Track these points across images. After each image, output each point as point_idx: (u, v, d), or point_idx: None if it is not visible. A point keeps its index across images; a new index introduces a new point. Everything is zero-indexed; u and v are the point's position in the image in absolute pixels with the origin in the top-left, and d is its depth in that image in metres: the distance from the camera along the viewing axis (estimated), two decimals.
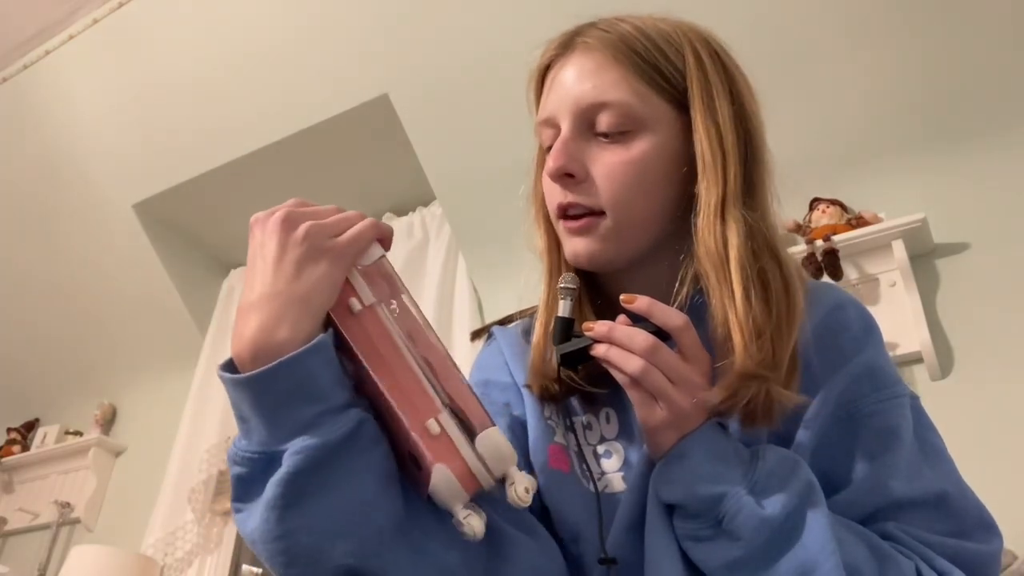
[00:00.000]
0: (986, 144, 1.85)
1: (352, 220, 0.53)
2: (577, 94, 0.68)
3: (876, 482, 0.62)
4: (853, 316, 0.70)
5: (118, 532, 2.84)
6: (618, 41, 0.69)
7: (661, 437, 0.59)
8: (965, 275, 1.80)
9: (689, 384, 0.58)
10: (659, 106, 0.68)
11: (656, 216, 0.68)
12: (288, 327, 0.48)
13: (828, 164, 1.92)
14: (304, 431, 0.47)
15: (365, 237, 0.52)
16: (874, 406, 0.65)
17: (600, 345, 0.59)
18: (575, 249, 0.69)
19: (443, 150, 2.38)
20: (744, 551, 0.56)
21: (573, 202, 0.68)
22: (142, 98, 2.65)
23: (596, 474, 0.68)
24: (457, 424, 0.49)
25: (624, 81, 0.67)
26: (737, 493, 0.56)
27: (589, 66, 0.69)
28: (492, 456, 0.49)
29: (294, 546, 0.47)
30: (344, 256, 0.51)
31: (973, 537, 0.61)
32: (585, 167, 0.67)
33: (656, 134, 0.67)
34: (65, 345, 3.23)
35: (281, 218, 0.51)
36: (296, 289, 0.49)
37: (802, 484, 0.57)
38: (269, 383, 0.47)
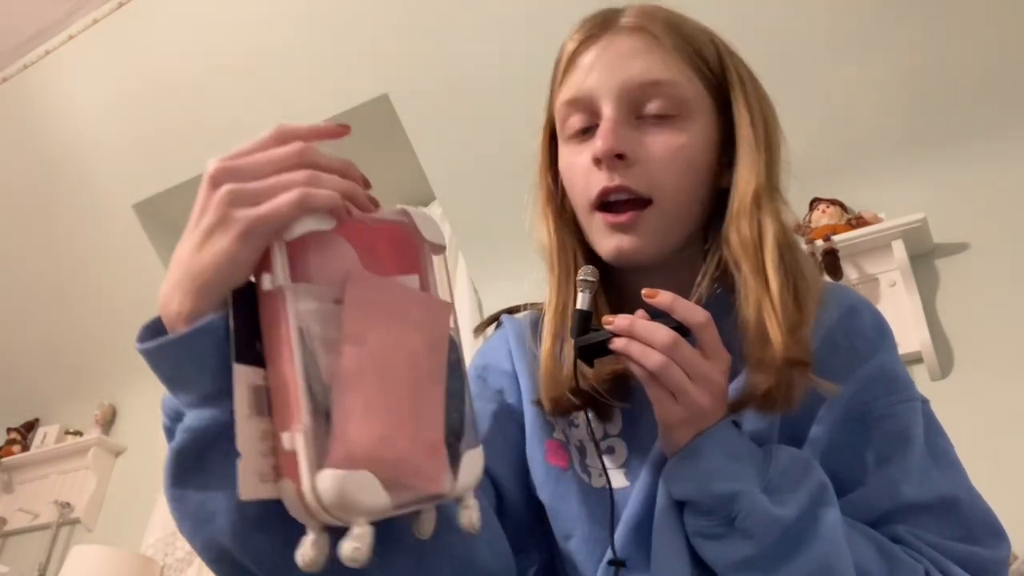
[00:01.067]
0: (986, 144, 1.85)
1: (280, 187, 0.44)
2: (625, 74, 0.65)
3: (887, 485, 0.62)
4: (867, 319, 0.70)
5: (118, 532, 2.85)
6: (664, 23, 0.67)
7: (677, 433, 0.59)
8: (965, 275, 1.79)
9: (708, 381, 0.57)
10: (701, 92, 0.67)
11: (696, 206, 0.67)
12: (181, 301, 0.44)
13: (828, 164, 1.93)
14: (194, 407, 0.45)
15: (281, 215, 0.43)
16: (887, 409, 0.65)
17: (619, 339, 0.58)
18: (619, 246, 0.66)
19: (443, 150, 2.38)
20: (756, 550, 0.56)
21: (621, 185, 0.64)
22: (142, 98, 2.65)
23: (597, 470, 0.67)
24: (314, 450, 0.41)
25: (673, 62, 0.66)
26: (751, 492, 0.56)
27: (636, 46, 0.66)
28: (328, 500, 0.41)
29: (183, 512, 0.47)
30: (254, 233, 0.43)
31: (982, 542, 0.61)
32: (635, 150, 0.65)
33: (700, 120, 0.66)
34: (65, 345, 3.23)
35: (209, 173, 0.45)
36: (196, 263, 0.44)
37: (815, 485, 0.57)
38: (157, 359, 0.45)
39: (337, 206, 0.44)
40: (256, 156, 0.45)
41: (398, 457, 0.44)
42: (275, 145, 0.46)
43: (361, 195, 0.46)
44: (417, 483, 0.45)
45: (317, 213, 0.44)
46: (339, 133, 0.49)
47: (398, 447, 0.44)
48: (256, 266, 0.44)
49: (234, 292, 0.44)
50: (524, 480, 0.70)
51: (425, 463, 0.45)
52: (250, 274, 0.44)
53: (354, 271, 0.46)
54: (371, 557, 0.41)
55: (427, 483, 0.45)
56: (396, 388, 0.45)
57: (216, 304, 0.44)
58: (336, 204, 0.44)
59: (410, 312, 0.47)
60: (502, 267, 2.29)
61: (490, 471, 0.68)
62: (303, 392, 0.42)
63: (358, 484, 0.42)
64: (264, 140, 0.46)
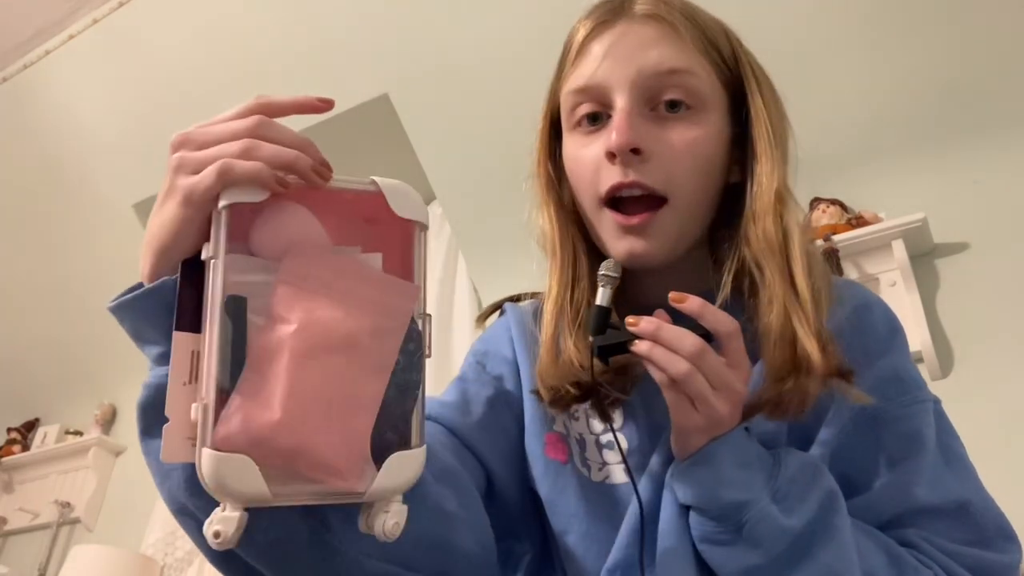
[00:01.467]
0: (986, 144, 1.84)
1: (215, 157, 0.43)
2: (639, 63, 0.63)
3: (898, 488, 0.61)
4: (879, 317, 0.69)
5: (118, 532, 2.84)
6: (681, 12, 0.65)
7: (691, 439, 0.58)
8: (965, 275, 1.79)
9: (730, 391, 0.56)
10: (716, 86, 0.65)
11: (707, 205, 0.66)
12: (145, 262, 0.46)
13: (828, 164, 1.92)
14: (155, 364, 0.48)
15: (204, 186, 0.42)
16: (898, 411, 0.64)
17: (643, 343, 0.56)
18: (631, 249, 0.63)
19: (443, 150, 2.38)
20: (763, 559, 0.55)
21: (635, 181, 0.62)
22: (142, 98, 2.65)
23: (596, 464, 0.66)
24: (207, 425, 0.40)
25: (690, 52, 0.64)
26: (761, 501, 0.55)
27: (651, 34, 0.64)
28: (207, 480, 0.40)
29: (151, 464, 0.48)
30: (189, 200, 0.43)
31: (993, 547, 0.61)
32: (649, 143, 0.62)
33: (715, 113, 0.65)
34: (65, 345, 3.22)
35: (171, 141, 0.46)
36: (153, 227, 0.45)
37: (824, 493, 0.57)
38: (121, 316, 0.48)
39: (260, 177, 0.42)
40: (212, 127, 0.46)
41: (297, 446, 0.41)
42: (241, 116, 0.46)
43: (302, 164, 0.44)
44: (320, 476, 0.42)
45: (241, 185, 0.43)
46: (320, 107, 0.48)
47: (299, 435, 0.41)
48: (206, 234, 0.44)
49: (186, 260, 0.45)
50: (516, 468, 0.69)
51: (333, 456, 0.42)
52: (200, 241, 0.44)
53: (297, 246, 0.44)
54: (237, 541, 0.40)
55: (333, 478, 0.42)
56: (315, 372, 0.42)
57: (173, 268, 0.45)
58: (258, 175, 0.42)
59: (357, 292, 0.44)
60: (502, 267, 2.29)
61: (482, 456, 0.67)
62: (212, 365, 0.41)
63: (231, 468, 0.40)
64: (235, 111, 0.47)
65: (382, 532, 0.44)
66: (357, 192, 0.46)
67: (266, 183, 0.43)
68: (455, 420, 0.67)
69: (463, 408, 0.68)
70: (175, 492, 0.48)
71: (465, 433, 0.66)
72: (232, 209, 0.43)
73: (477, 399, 0.70)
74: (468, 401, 0.69)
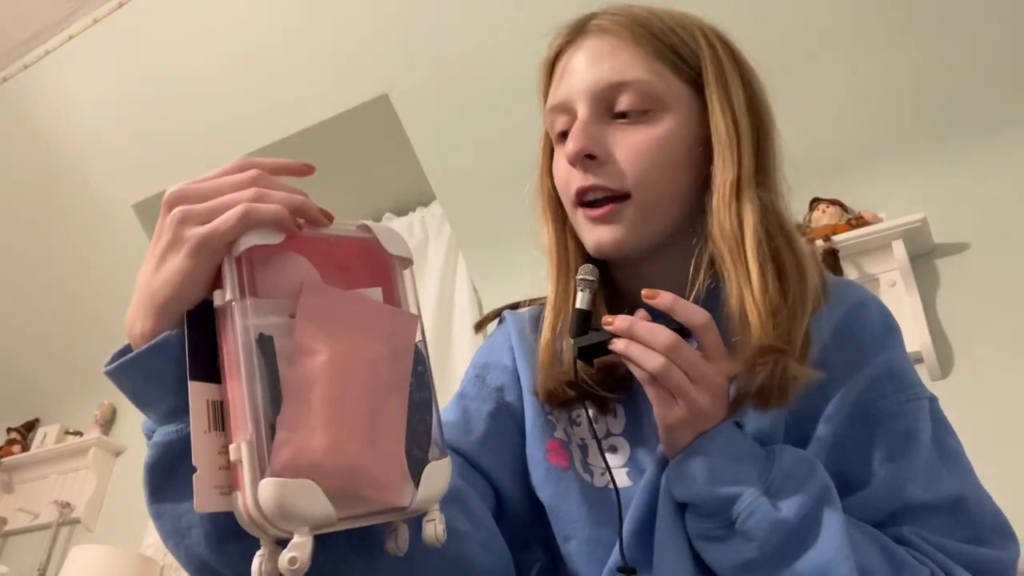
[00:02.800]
0: (986, 144, 1.84)
1: (227, 206, 0.45)
2: (594, 76, 0.67)
3: (893, 485, 0.62)
4: (875, 315, 0.69)
5: (118, 532, 2.84)
6: (632, 22, 0.68)
7: (678, 435, 0.58)
8: (965, 275, 1.79)
9: (709, 383, 0.57)
10: (676, 86, 0.67)
11: (678, 198, 0.67)
12: (142, 322, 0.46)
13: (828, 164, 1.92)
14: (161, 423, 0.47)
15: (225, 230, 0.44)
16: (894, 407, 0.64)
17: (619, 340, 0.58)
18: (599, 238, 0.67)
19: (443, 150, 2.38)
20: (757, 552, 0.55)
21: (595, 184, 0.66)
22: (142, 98, 2.65)
23: (599, 470, 0.67)
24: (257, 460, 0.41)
25: (642, 60, 0.67)
26: (752, 494, 0.56)
27: (605, 48, 0.68)
28: (269, 509, 0.40)
29: (164, 527, 0.48)
30: (202, 249, 0.44)
31: (990, 543, 0.61)
32: (607, 148, 0.66)
33: (675, 114, 0.67)
34: (65, 345, 3.23)
35: (165, 199, 0.46)
36: (153, 283, 0.45)
37: (818, 487, 0.57)
38: (121, 378, 0.47)
39: (282, 219, 0.45)
40: (210, 182, 0.47)
41: (349, 467, 0.43)
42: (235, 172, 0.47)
43: (312, 209, 0.47)
44: (372, 494, 0.44)
45: (263, 227, 0.45)
46: (303, 171, 0.50)
47: (349, 457, 0.43)
48: (211, 284, 0.45)
49: (191, 312, 0.46)
50: (523, 479, 0.70)
51: (381, 474, 0.44)
52: (205, 292, 0.45)
53: (309, 283, 0.46)
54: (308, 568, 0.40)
55: (383, 494, 0.44)
56: (351, 398, 0.44)
57: (175, 323, 0.46)
58: (281, 217, 0.45)
59: (370, 323, 0.47)
60: (502, 267, 2.29)
61: (488, 472, 0.68)
62: (248, 402, 0.42)
63: (298, 493, 0.41)
64: (223, 168, 0.48)
65: (434, 539, 0.47)
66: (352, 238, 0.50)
67: (287, 225, 0.45)
68: (458, 440, 0.68)
69: (464, 427, 0.70)
70: (195, 550, 0.47)
71: (469, 451, 0.68)
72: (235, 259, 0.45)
73: (478, 415, 0.71)
74: (469, 419, 0.71)
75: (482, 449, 0.69)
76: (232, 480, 0.43)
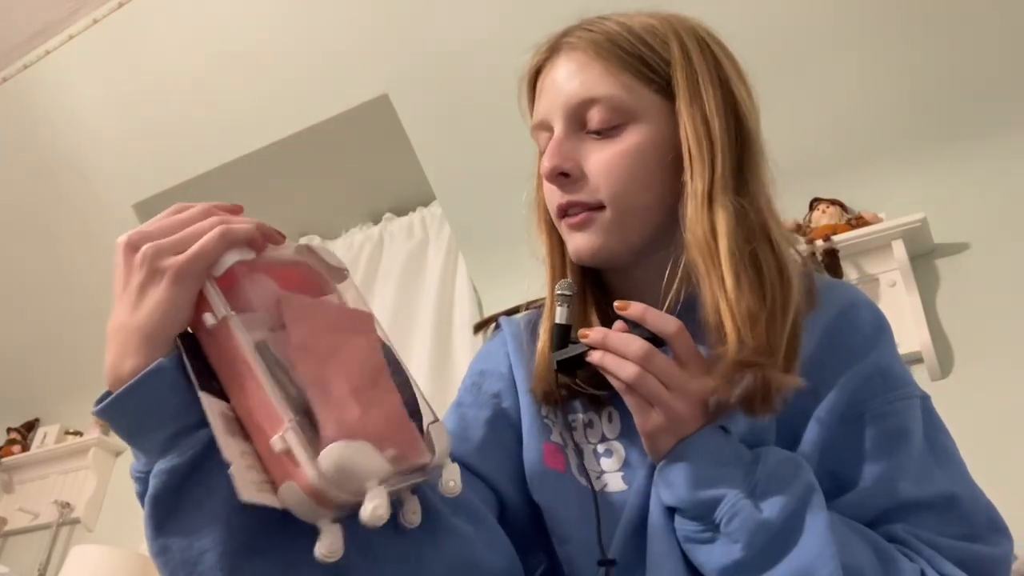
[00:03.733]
0: (986, 144, 1.85)
1: (199, 233, 0.47)
2: (566, 94, 0.69)
3: (885, 483, 0.62)
4: (865, 315, 0.70)
5: (118, 532, 2.84)
6: (600, 37, 0.69)
7: (659, 441, 0.60)
8: (965, 275, 1.79)
9: (684, 389, 0.58)
10: (647, 97, 0.68)
11: (655, 206, 0.68)
12: (131, 358, 0.46)
13: (828, 164, 1.92)
14: (162, 454, 0.47)
15: (208, 251, 0.46)
16: (885, 407, 0.64)
17: (595, 352, 0.59)
18: (576, 245, 0.69)
19: (443, 150, 2.38)
20: (742, 553, 0.56)
21: (573, 201, 0.68)
22: (142, 98, 2.65)
23: (595, 473, 0.67)
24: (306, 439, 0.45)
25: (609, 75, 0.68)
26: (735, 496, 0.56)
27: (574, 65, 0.69)
28: (336, 473, 0.44)
29: (171, 561, 0.47)
30: (185, 274, 0.46)
31: (983, 540, 0.61)
32: (579, 165, 0.68)
33: (647, 124, 0.67)
34: (65, 345, 3.23)
35: (123, 243, 0.48)
36: (136, 318, 0.46)
37: (802, 487, 0.57)
38: (116, 413, 0.47)
39: (255, 236, 0.49)
40: (166, 220, 0.50)
41: (381, 432, 0.48)
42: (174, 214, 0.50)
43: (269, 229, 0.50)
44: (404, 453, 0.49)
45: (239, 245, 0.48)
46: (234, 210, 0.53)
47: (379, 424, 0.48)
48: (193, 312, 0.47)
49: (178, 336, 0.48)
50: (522, 484, 0.70)
51: (405, 437, 0.50)
52: (189, 318, 0.47)
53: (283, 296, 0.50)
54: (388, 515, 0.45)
55: (412, 453, 0.50)
56: (357, 379, 0.50)
57: (164, 353, 0.46)
58: (253, 234, 0.49)
59: (344, 321, 0.54)
60: (502, 267, 2.29)
61: (488, 478, 0.69)
62: (278, 396, 0.45)
63: (359, 451, 0.45)
64: (166, 212, 0.51)
65: (449, 490, 0.52)
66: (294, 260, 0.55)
67: (258, 242, 0.49)
68: (457, 447, 0.69)
69: (462, 435, 0.71)
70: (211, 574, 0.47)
71: (468, 460, 0.69)
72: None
73: (476, 423, 0.72)
74: (467, 426, 0.72)
75: (481, 456, 0.70)
76: (279, 475, 0.45)
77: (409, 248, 2.59)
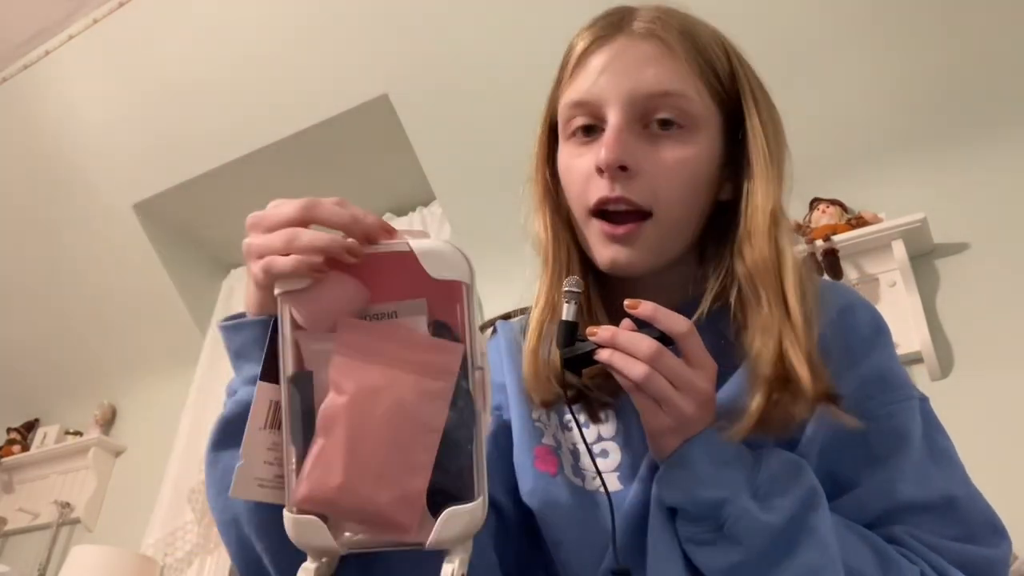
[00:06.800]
0: (986, 144, 1.85)
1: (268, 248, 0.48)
2: (634, 81, 0.64)
3: (884, 485, 0.62)
4: (863, 318, 0.69)
5: (118, 532, 2.84)
6: (678, 31, 0.66)
7: (664, 442, 0.58)
8: (965, 275, 1.79)
9: (693, 389, 0.57)
10: (710, 106, 0.66)
11: (693, 221, 0.67)
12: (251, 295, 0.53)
13: (828, 164, 1.92)
14: (244, 384, 0.54)
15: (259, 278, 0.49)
16: (883, 408, 0.64)
17: (604, 350, 0.57)
18: (615, 257, 0.65)
19: (443, 150, 2.38)
20: (745, 556, 0.55)
21: (621, 197, 0.63)
22: (142, 98, 2.65)
23: (590, 474, 0.67)
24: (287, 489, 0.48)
25: (686, 74, 0.65)
26: (739, 498, 0.56)
27: (649, 53, 0.65)
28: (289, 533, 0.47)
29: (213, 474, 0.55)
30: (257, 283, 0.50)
31: (981, 541, 0.61)
32: (638, 161, 0.63)
33: (707, 134, 0.66)
34: (65, 345, 3.23)
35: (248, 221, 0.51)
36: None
37: (805, 489, 0.57)
38: (232, 334, 0.55)
39: (299, 271, 0.47)
40: (269, 212, 0.50)
41: (361, 507, 0.46)
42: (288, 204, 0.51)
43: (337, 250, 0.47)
44: (383, 531, 0.47)
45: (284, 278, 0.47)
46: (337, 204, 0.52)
47: (362, 498, 0.45)
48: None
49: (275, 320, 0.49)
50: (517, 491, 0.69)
51: (394, 513, 0.46)
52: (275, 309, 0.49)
53: (344, 319, 0.47)
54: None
55: (394, 532, 0.46)
56: (370, 436, 0.46)
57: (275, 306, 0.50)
58: (296, 269, 0.47)
59: (404, 357, 0.47)
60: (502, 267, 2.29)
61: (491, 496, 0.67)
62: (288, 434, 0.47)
63: (305, 528, 0.46)
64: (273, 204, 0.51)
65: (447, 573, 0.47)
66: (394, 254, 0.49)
67: (304, 274, 0.47)
68: None
69: None
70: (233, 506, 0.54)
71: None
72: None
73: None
74: None
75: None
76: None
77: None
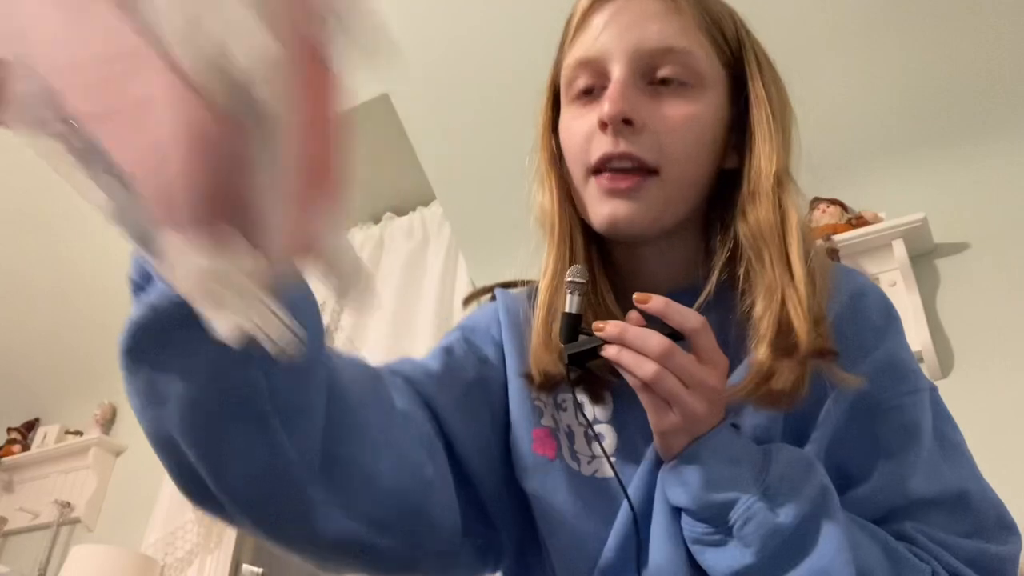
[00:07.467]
0: (986, 144, 1.85)
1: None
2: (638, 36, 0.63)
3: (894, 480, 0.61)
4: (873, 304, 0.68)
5: (118, 532, 2.84)
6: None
7: (672, 440, 0.57)
8: (965, 275, 1.79)
9: (704, 388, 0.55)
10: (716, 67, 0.65)
11: (700, 183, 0.65)
12: None
13: (828, 164, 1.92)
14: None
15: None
16: (894, 401, 0.63)
17: (611, 347, 0.55)
18: (614, 212, 0.63)
19: (443, 150, 2.38)
20: (755, 559, 0.54)
21: (626, 152, 0.62)
22: None
23: (586, 457, 0.65)
24: None
25: (692, 31, 0.64)
26: (749, 499, 0.54)
27: (654, 8, 0.64)
28: None
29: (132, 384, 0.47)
30: None
31: (992, 538, 0.60)
32: (643, 116, 0.62)
33: (713, 94, 0.65)
34: (65, 345, 3.23)
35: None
36: None
37: (816, 489, 0.56)
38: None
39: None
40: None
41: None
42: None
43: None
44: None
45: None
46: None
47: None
48: None
49: None
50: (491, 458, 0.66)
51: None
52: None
53: None
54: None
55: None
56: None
57: None
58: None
59: None
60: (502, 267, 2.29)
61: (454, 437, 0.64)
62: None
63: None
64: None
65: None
66: None
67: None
68: (434, 395, 0.64)
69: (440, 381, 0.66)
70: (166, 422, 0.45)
71: (442, 412, 0.64)
72: None
73: (459, 380, 0.67)
74: (453, 380, 0.66)
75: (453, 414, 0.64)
76: None
77: (409, 248, 2.59)
